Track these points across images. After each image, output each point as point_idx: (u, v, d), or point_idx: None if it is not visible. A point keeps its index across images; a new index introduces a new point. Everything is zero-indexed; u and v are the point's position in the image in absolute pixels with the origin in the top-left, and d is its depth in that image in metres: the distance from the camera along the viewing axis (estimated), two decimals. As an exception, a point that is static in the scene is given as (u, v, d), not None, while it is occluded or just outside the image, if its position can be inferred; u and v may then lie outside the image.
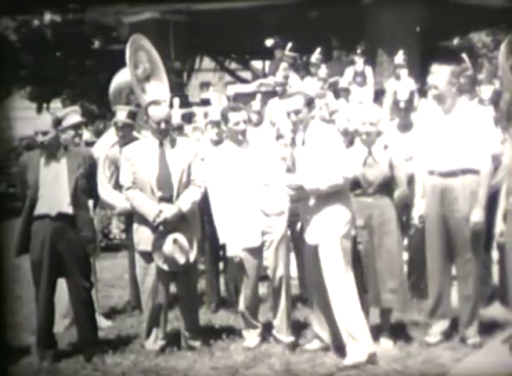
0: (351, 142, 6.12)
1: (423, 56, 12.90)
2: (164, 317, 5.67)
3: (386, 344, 5.56)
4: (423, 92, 10.44)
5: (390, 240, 5.52)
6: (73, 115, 6.85)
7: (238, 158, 5.64)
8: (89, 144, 7.40)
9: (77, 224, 5.47)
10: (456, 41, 16.39)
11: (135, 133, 6.89)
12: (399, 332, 5.59)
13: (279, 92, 11.07)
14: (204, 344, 5.67)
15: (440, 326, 5.62)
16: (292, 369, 5.17)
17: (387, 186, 5.57)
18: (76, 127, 6.79)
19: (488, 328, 5.75)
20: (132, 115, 6.92)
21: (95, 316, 5.79)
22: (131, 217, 5.97)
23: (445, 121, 5.58)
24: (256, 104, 8.25)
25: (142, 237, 5.55)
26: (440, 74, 5.59)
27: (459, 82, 5.69)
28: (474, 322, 5.57)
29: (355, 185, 5.57)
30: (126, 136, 6.73)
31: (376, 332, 5.61)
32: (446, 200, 5.50)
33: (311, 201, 5.31)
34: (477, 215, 5.40)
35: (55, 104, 17.64)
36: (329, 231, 5.20)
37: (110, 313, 6.91)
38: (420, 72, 11.84)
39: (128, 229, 6.63)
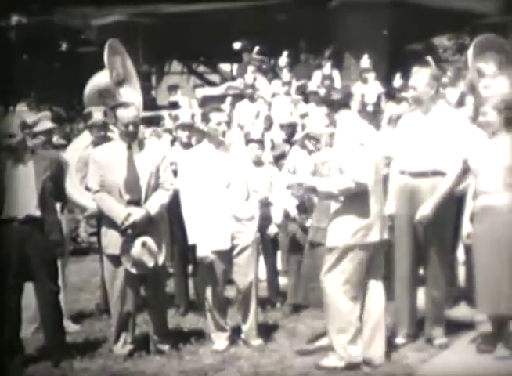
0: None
1: (390, 60, 13.02)
2: (132, 321, 5.65)
3: None
4: (390, 96, 10.55)
5: None
6: (44, 121, 6.84)
7: (215, 160, 5.66)
8: (57, 147, 7.35)
9: (45, 227, 5.43)
10: (421, 45, 16.56)
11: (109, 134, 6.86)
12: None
13: (248, 95, 11.11)
14: (173, 347, 5.66)
15: (404, 327, 5.68)
16: (261, 371, 5.17)
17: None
18: (47, 133, 6.78)
19: (455, 329, 5.81)
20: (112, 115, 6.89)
21: (63, 321, 5.74)
22: (100, 220, 5.94)
23: (420, 123, 5.65)
24: (225, 107, 8.27)
25: (111, 241, 5.53)
26: (419, 76, 5.65)
27: (437, 85, 5.75)
28: (440, 322, 5.63)
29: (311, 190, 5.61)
30: (105, 136, 6.69)
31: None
32: (415, 201, 5.55)
33: (329, 204, 5.25)
34: (426, 209, 5.43)
35: (21, 107, 17.46)
36: (342, 236, 5.09)
37: (78, 317, 6.86)
38: (386, 75, 11.95)
39: (98, 233, 6.59)
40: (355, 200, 5.05)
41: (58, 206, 5.75)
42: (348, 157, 5.04)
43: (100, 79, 8.03)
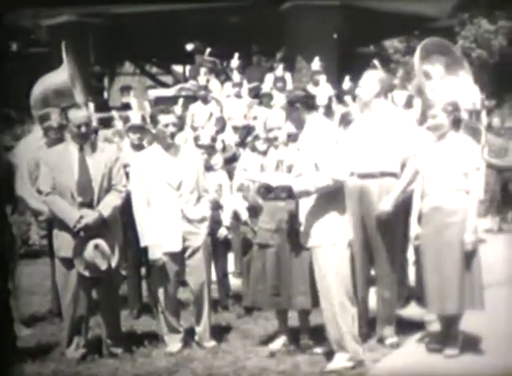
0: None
1: (340, 62, 13.15)
2: (85, 324, 5.62)
3: (306, 345, 5.66)
4: (340, 98, 10.67)
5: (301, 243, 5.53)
6: None
7: (165, 162, 5.65)
8: (8, 149, 7.25)
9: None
10: (371, 48, 16.78)
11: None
12: (319, 334, 5.68)
13: (200, 97, 11.12)
14: (126, 350, 5.64)
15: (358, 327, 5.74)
16: (214, 373, 5.19)
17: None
18: None
19: (406, 328, 5.90)
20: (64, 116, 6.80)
21: (14, 325, 5.66)
22: (52, 223, 5.88)
23: (366, 124, 5.73)
24: (177, 109, 8.26)
25: (63, 243, 5.49)
26: (367, 78, 5.73)
27: (385, 88, 5.83)
28: (391, 322, 5.72)
29: (268, 189, 5.66)
30: (61, 139, 6.61)
31: (296, 334, 5.73)
32: (364, 202, 5.63)
33: (307, 203, 5.25)
34: (385, 204, 5.52)
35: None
36: (322, 237, 5.14)
37: (30, 321, 6.77)
38: (337, 78, 12.07)
39: (49, 236, 6.51)
40: (332, 197, 5.13)
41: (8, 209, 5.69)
42: (325, 155, 5.09)
43: (57, 78, 7.92)
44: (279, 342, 5.73)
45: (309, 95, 5.51)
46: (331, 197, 5.13)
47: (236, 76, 11.82)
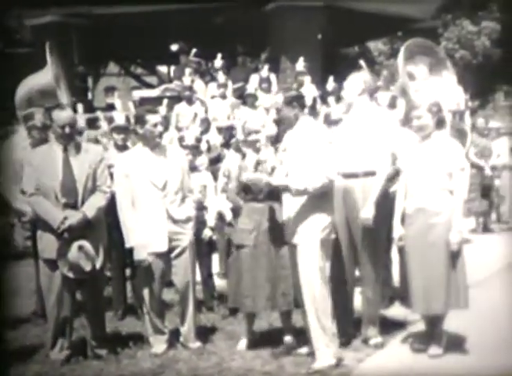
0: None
1: (325, 63, 13.18)
2: (69, 326, 5.59)
3: (289, 344, 5.67)
4: (324, 99, 10.70)
5: (280, 244, 5.56)
6: None
7: (151, 162, 5.65)
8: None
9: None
10: (355, 49, 16.83)
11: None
12: (304, 335, 5.69)
13: (185, 97, 11.10)
14: (111, 352, 5.62)
15: (341, 327, 5.76)
16: (199, 374, 5.19)
17: (277, 192, 5.55)
18: None
19: (390, 328, 5.92)
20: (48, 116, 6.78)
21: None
22: (36, 224, 5.85)
23: (349, 124, 5.75)
24: (162, 109, 8.25)
25: (47, 245, 5.45)
26: (351, 80, 5.75)
27: (370, 88, 5.85)
28: (375, 322, 5.73)
29: (246, 190, 5.68)
30: (45, 139, 6.58)
31: (279, 334, 5.74)
32: (348, 202, 5.65)
33: (291, 201, 5.31)
34: (366, 212, 5.53)
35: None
36: (308, 234, 5.18)
37: (14, 323, 6.74)
38: (321, 79, 12.10)
39: (33, 237, 6.48)
40: (319, 196, 5.18)
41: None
42: (318, 155, 5.16)
43: (41, 79, 7.89)
44: (243, 344, 5.76)
45: (302, 96, 5.59)
46: (318, 196, 5.18)
47: (221, 77, 11.82)
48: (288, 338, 5.69)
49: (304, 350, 5.49)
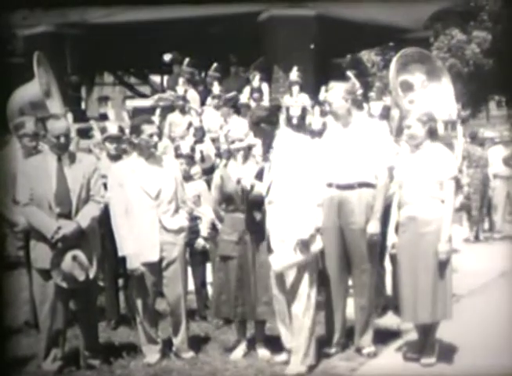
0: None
1: (317, 73, 13.19)
2: (62, 336, 5.57)
3: (263, 354, 5.71)
4: (315, 109, 10.69)
5: (263, 254, 5.57)
6: None
7: (145, 172, 5.65)
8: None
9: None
10: (347, 59, 16.87)
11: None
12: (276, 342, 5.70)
13: (179, 107, 11.10)
14: (104, 362, 5.61)
15: (336, 336, 5.77)
16: (193, 384, 5.20)
17: (260, 202, 5.54)
18: None
19: (383, 337, 5.93)
20: (39, 125, 6.78)
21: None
22: (29, 234, 5.84)
23: (342, 135, 5.77)
24: (155, 119, 8.25)
25: (40, 254, 5.44)
26: (334, 90, 5.78)
27: (352, 98, 5.87)
28: (368, 331, 5.74)
29: (229, 200, 5.69)
30: (36, 147, 6.58)
31: (252, 343, 5.79)
32: (343, 213, 5.67)
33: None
34: (373, 227, 5.59)
35: None
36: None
37: (5, 334, 6.71)
38: (313, 89, 12.11)
39: (26, 247, 6.47)
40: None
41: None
42: (300, 168, 5.23)
43: (31, 90, 7.90)
44: (240, 352, 5.76)
45: (272, 113, 5.58)
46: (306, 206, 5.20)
47: (215, 88, 11.83)
48: (262, 351, 5.74)
49: (279, 358, 5.52)
